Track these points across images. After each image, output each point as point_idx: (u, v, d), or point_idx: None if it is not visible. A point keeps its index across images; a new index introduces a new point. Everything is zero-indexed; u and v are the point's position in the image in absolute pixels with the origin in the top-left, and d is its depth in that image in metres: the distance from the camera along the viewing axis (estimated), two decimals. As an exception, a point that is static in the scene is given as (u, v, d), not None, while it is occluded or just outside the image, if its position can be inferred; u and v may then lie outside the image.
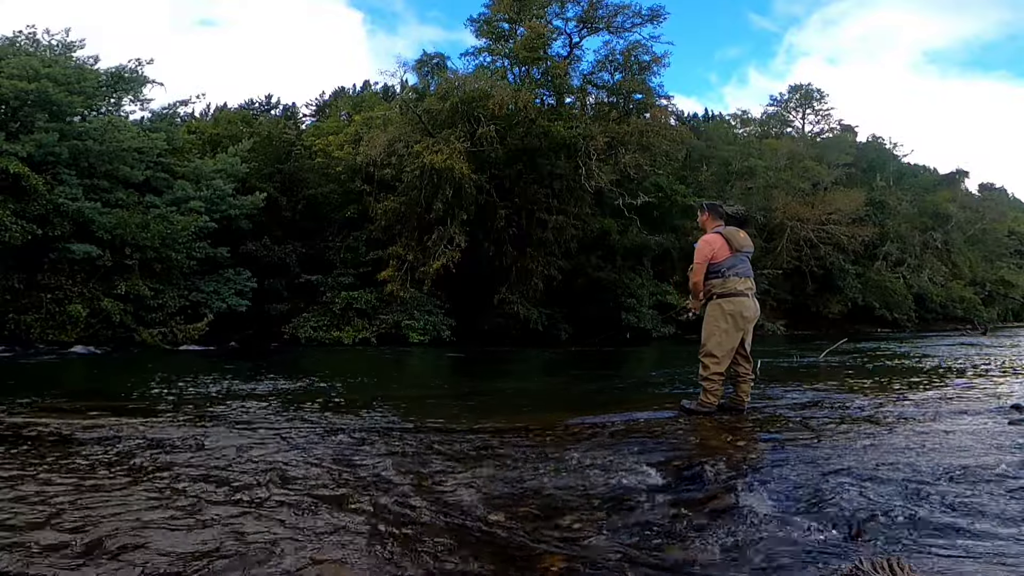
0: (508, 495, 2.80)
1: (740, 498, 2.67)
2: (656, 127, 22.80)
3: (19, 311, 15.22)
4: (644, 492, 2.83)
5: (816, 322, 31.23)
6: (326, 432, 4.23)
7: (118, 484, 2.86)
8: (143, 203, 17.00)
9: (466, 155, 19.48)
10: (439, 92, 21.67)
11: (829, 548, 2.19)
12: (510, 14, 23.34)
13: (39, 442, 3.79)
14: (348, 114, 29.00)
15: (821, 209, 30.65)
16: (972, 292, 39.44)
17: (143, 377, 8.92)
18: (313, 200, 22.09)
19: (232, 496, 2.69)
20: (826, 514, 2.48)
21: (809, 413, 4.94)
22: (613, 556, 2.13)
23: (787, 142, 37.48)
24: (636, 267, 25.08)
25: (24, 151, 14.92)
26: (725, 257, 4.70)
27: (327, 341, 18.56)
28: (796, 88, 44.72)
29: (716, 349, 4.67)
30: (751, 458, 3.38)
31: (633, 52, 23.30)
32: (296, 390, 7.36)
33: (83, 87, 17.12)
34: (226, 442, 3.77)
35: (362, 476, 3.08)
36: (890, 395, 6.10)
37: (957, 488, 2.73)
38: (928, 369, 9.38)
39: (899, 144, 52.63)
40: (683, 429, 4.34)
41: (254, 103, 38.73)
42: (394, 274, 19.44)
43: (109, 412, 4.93)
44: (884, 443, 3.71)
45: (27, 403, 5.56)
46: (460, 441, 3.92)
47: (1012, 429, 4.08)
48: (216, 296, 17.85)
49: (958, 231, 39.56)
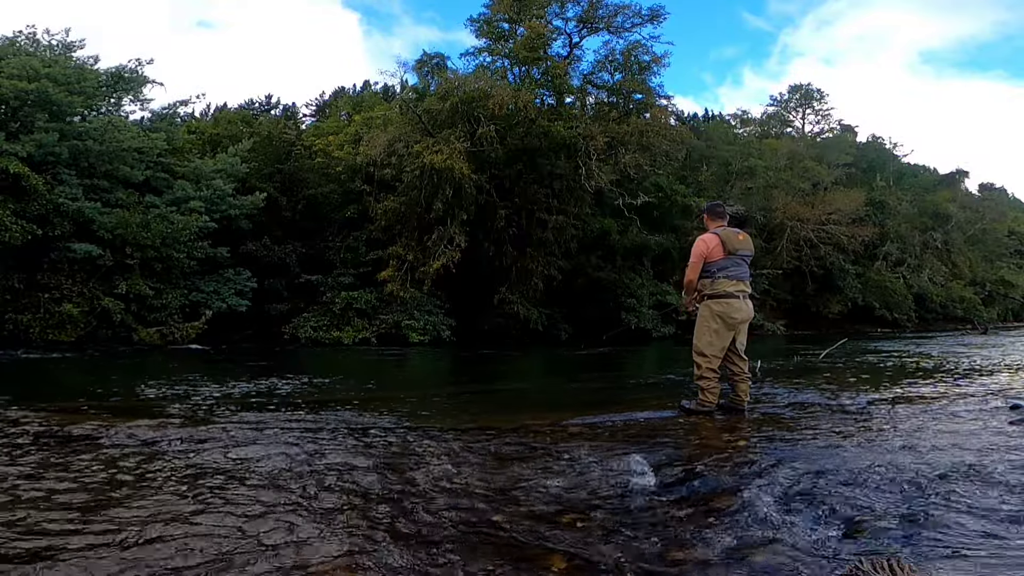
0: (508, 495, 2.80)
1: (740, 498, 2.67)
2: (656, 127, 22.77)
3: (18, 311, 15.23)
4: (644, 492, 2.84)
5: (816, 322, 31.23)
6: (328, 433, 4.23)
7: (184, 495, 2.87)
8: (143, 203, 17.00)
9: (466, 155, 19.46)
10: (439, 92, 21.66)
11: (829, 548, 2.19)
12: (510, 14, 23.32)
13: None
14: (348, 114, 29.01)
15: (821, 209, 30.63)
16: (972, 292, 39.37)
17: (147, 378, 8.92)
18: (313, 200, 22.08)
19: (214, 486, 2.69)
20: (826, 514, 2.48)
21: (808, 413, 4.95)
22: (613, 556, 2.14)
23: (787, 142, 37.45)
24: (636, 267, 25.08)
25: (24, 151, 14.93)
26: (718, 258, 4.75)
27: (327, 341, 18.55)
28: (796, 88, 44.76)
29: (706, 348, 4.78)
30: (751, 458, 3.38)
31: (633, 52, 23.28)
32: (296, 390, 7.36)
33: (83, 87, 17.12)
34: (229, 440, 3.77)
35: (361, 476, 3.08)
36: (890, 395, 6.10)
37: (957, 488, 2.73)
38: (928, 369, 9.38)
39: (899, 144, 52.67)
40: (683, 429, 4.35)
41: (254, 103, 38.76)
42: (394, 274, 19.44)
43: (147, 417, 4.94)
44: (883, 443, 3.72)
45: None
46: (460, 441, 3.92)
47: (1012, 429, 4.08)
48: (216, 296, 17.86)
49: (958, 231, 39.51)
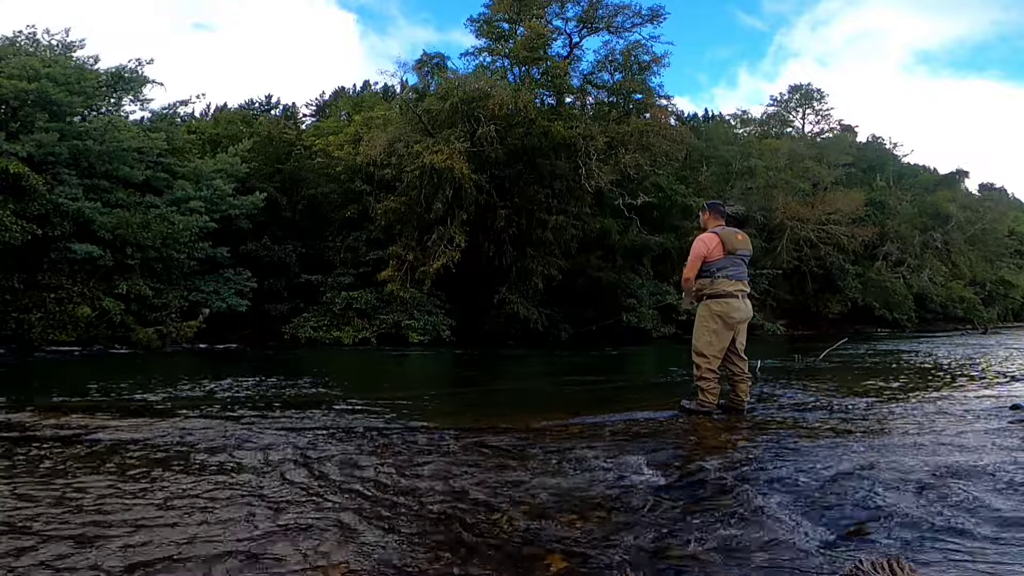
0: (508, 494, 2.80)
1: (739, 498, 2.67)
2: (656, 127, 22.77)
3: (20, 311, 15.22)
4: (644, 491, 2.84)
5: (816, 322, 31.22)
6: (326, 433, 4.23)
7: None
8: (143, 203, 16.98)
9: (466, 155, 19.45)
10: (439, 92, 21.65)
11: (829, 548, 2.19)
12: (510, 14, 23.33)
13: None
14: (348, 114, 28.98)
15: (821, 209, 30.62)
16: (972, 292, 39.37)
17: (149, 378, 8.92)
18: (313, 200, 22.07)
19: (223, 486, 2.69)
20: (825, 514, 2.48)
21: (808, 413, 4.95)
22: (613, 556, 2.14)
23: (787, 142, 37.40)
24: (636, 267, 25.07)
25: (24, 151, 14.91)
26: (718, 258, 4.74)
27: (327, 341, 18.55)
28: (796, 88, 44.67)
29: (706, 349, 4.75)
30: (750, 458, 3.38)
31: (633, 52, 23.28)
32: (296, 390, 7.36)
33: (83, 87, 17.10)
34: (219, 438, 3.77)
35: (359, 475, 3.08)
36: (890, 395, 6.10)
37: (957, 488, 2.73)
38: (928, 369, 9.39)
39: (899, 144, 52.65)
40: (683, 429, 4.35)
41: (254, 103, 38.68)
42: (394, 274, 19.43)
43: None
44: (883, 443, 3.72)
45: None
46: (460, 441, 3.92)
47: (1012, 429, 4.08)
48: (216, 296, 17.84)
49: (958, 231, 39.46)
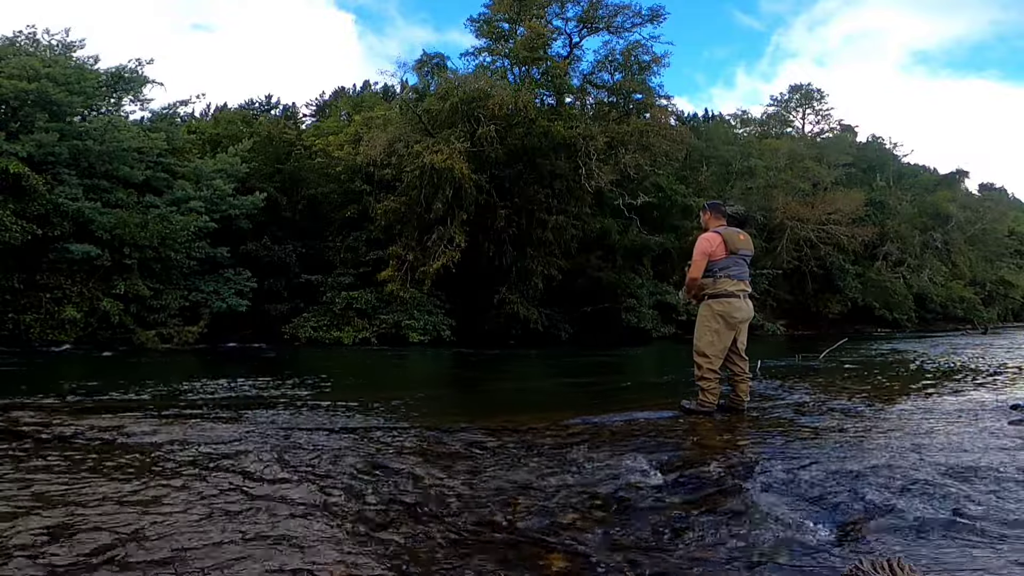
0: (508, 494, 2.80)
1: (739, 498, 2.67)
2: (656, 127, 22.78)
3: (18, 311, 15.23)
4: (644, 492, 2.83)
5: (816, 322, 31.23)
6: (324, 432, 4.22)
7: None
8: (143, 203, 16.99)
9: (466, 155, 19.46)
10: (439, 92, 21.66)
11: (829, 548, 2.19)
12: (510, 14, 23.33)
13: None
14: (348, 114, 28.97)
15: (821, 209, 30.62)
16: (972, 292, 39.39)
17: (152, 379, 8.92)
18: (313, 200, 22.09)
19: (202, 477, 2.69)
20: (825, 514, 2.48)
21: (808, 413, 4.95)
22: (613, 556, 2.13)
23: (787, 142, 37.40)
24: (636, 267, 25.09)
25: (24, 151, 14.93)
26: (721, 257, 4.73)
27: (327, 341, 18.55)
28: (796, 88, 44.68)
29: (708, 348, 4.73)
30: (750, 458, 3.38)
31: (633, 52, 23.29)
32: (295, 390, 7.36)
33: (83, 87, 17.12)
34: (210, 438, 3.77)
35: (358, 475, 3.08)
36: (889, 395, 6.10)
37: (957, 488, 2.73)
38: (928, 369, 9.38)
39: (899, 144, 52.65)
40: (683, 429, 4.34)
41: (254, 103, 38.63)
42: (394, 274, 19.44)
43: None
44: (883, 443, 3.71)
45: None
46: (459, 440, 3.92)
47: (1011, 429, 4.08)
48: (216, 296, 17.85)
49: (958, 231, 39.48)
